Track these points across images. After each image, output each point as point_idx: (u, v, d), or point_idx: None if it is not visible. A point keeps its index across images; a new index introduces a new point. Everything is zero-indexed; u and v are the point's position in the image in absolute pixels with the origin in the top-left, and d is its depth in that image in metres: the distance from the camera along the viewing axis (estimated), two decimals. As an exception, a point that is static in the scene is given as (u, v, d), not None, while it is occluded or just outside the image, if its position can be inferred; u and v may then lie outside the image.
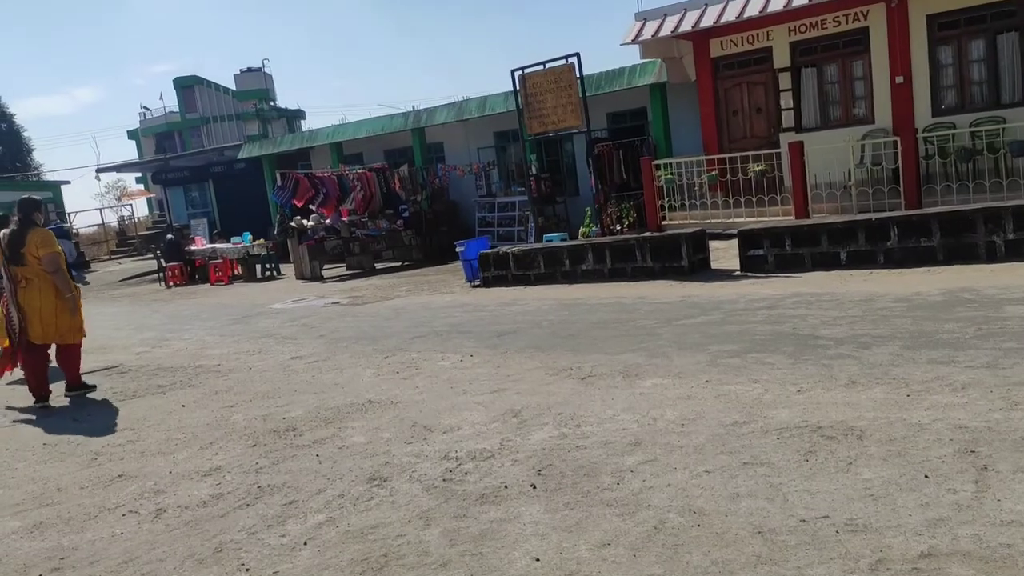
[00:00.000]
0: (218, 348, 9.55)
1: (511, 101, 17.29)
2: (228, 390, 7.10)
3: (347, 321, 10.36)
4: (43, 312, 7.17)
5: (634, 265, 10.24)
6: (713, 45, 14.43)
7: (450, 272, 15.06)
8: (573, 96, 11.35)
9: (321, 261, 17.39)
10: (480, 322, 8.92)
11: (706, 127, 14.74)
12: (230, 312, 12.96)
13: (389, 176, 19.00)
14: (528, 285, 11.16)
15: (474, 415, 5.35)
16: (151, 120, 64.32)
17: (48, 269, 7.11)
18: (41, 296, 7.15)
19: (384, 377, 6.87)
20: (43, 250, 7.09)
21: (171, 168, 29.45)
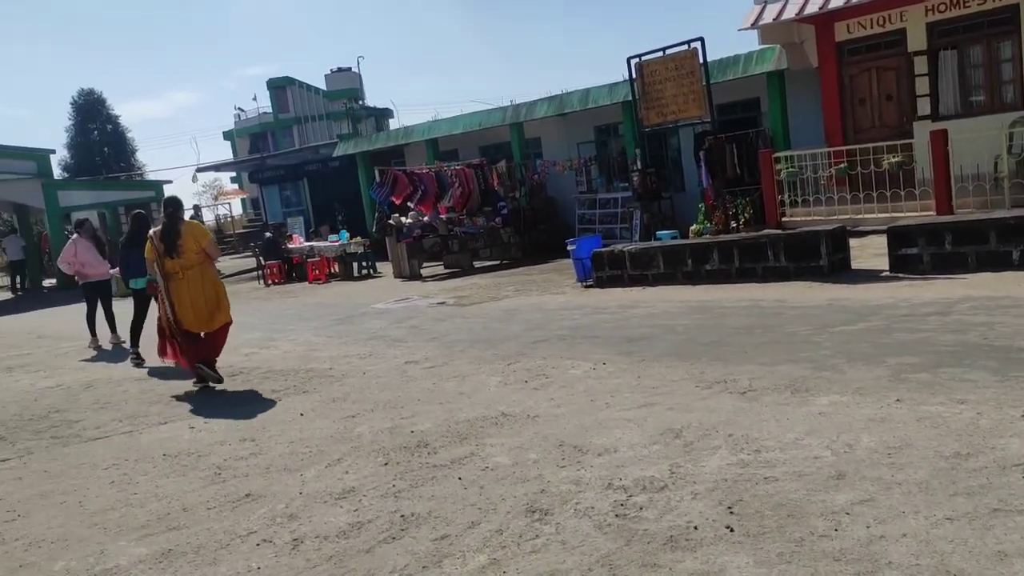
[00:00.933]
0: (327, 350, 9.22)
1: (616, 93, 16.67)
2: (345, 397, 6.70)
3: (457, 323, 9.91)
4: (195, 301, 7.57)
5: (765, 265, 9.47)
6: (838, 28, 13.45)
7: (555, 271, 14.50)
8: (695, 84, 10.63)
9: (420, 259, 17.07)
10: (604, 326, 8.32)
11: (829, 117, 13.77)
12: (333, 312, 12.70)
13: (487, 172, 18.56)
14: (646, 286, 10.50)
15: (628, 434, 4.76)
16: (245, 121, 65.89)
17: (213, 255, 7.73)
18: (192, 286, 7.55)
19: (512, 386, 6.35)
20: (204, 240, 7.63)
21: (267, 167, 29.81)
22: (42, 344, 12.91)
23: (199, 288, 7.60)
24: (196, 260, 7.57)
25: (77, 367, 10.16)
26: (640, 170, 16.60)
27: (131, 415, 6.96)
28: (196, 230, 7.72)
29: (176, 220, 7.64)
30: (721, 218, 13.50)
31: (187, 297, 7.55)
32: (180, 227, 7.58)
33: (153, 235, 7.66)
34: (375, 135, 23.90)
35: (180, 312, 7.57)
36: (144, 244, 8.13)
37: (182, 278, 7.54)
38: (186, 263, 7.54)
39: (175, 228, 7.55)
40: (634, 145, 16.82)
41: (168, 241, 7.50)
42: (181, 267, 7.53)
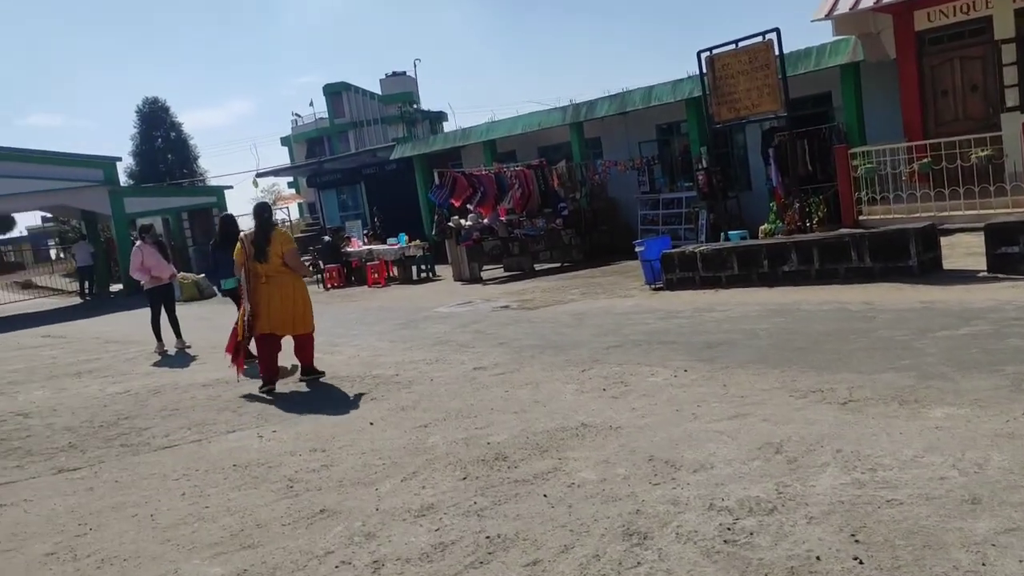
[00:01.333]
0: (392, 356, 9.04)
1: (679, 90, 16.25)
2: (415, 405, 6.48)
3: (524, 327, 9.64)
4: (282, 305, 7.76)
5: (847, 265, 8.99)
6: (918, 17, 12.84)
7: (619, 273, 14.15)
8: (771, 77, 10.18)
9: (480, 262, 16.86)
10: (680, 331, 7.96)
11: (908, 110, 13.15)
12: (394, 316, 12.55)
13: (547, 173, 18.27)
14: (719, 288, 10.09)
15: (723, 449, 4.43)
16: (302, 127, 66.83)
17: (291, 262, 7.80)
18: (279, 290, 7.74)
19: (590, 395, 6.05)
20: (287, 246, 7.78)
21: (325, 171, 29.99)
22: (110, 349, 13.03)
23: (287, 293, 7.81)
24: (282, 267, 7.76)
25: (145, 372, 10.18)
26: (706, 169, 16.15)
27: (199, 423, 6.85)
28: (282, 238, 7.90)
29: (268, 225, 7.87)
30: (793, 217, 12.98)
31: (271, 301, 7.74)
32: (271, 233, 7.81)
33: (244, 238, 7.91)
34: (432, 137, 23.80)
35: (258, 315, 7.75)
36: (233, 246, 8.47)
37: (265, 282, 7.73)
38: (272, 268, 7.73)
39: (266, 233, 7.77)
40: (699, 143, 16.38)
41: (258, 245, 7.72)
42: (267, 272, 7.73)
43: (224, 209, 30.64)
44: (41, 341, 15.40)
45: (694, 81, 16.01)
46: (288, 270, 7.81)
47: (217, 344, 12.07)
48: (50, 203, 27.72)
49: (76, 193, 26.04)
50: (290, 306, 7.85)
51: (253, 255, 7.73)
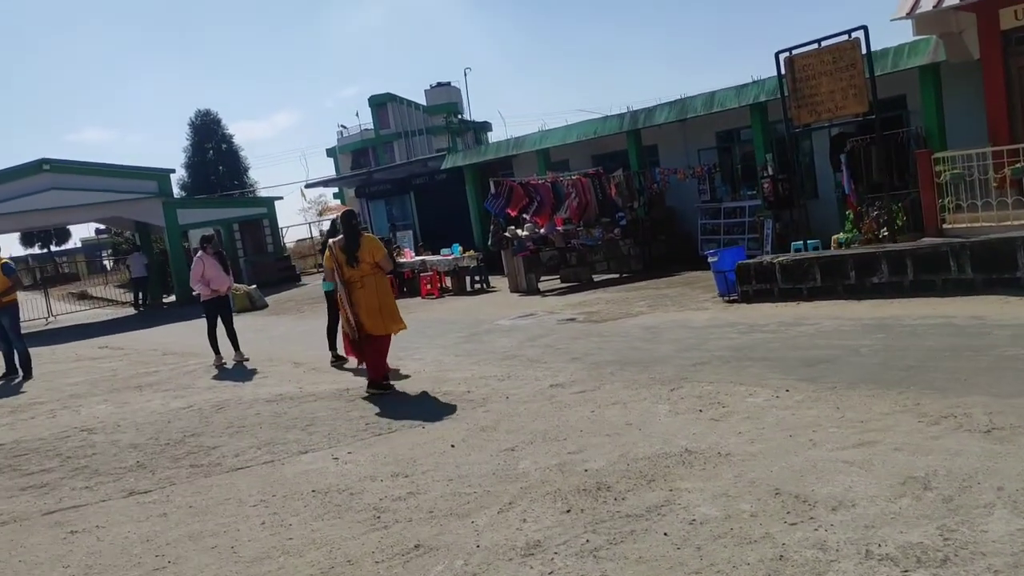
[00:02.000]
0: (459, 371, 8.69)
1: (744, 95, 15.73)
2: (495, 426, 6.10)
3: (595, 341, 9.23)
4: (371, 308, 7.99)
5: (946, 277, 8.43)
6: (1004, 15, 12.16)
7: (685, 285, 13.67)
8: (857, 78, 9.66)
9: (537, 273, 16.49)
10: (769, 346, 7.48)
11: (994, 113, 12.47)
12: (455, 328, 12.22)
13: (605, 182, 17.86)
14: (800, 301, 9.58)
15: (859, 482, 3.98)
16: (348, 138, 67.25)
17: (386, 268, 8.18)
18: (369, 294, 7.98)
19: (686, 416, 5.62)
20: (379, 253, 8.06)
21: (373, 181, 29.91)
22: (168, 361, 12.90)
23: (375, 296, 8.04)
24: (371, 271, 8.02)
25: (206, 386, 9.96)
26: (771, 176, 15.60)
27: (268, 442, 6.56)
28: (372, 243, 8.16)
29: (357, 232, 8.12)
30: (872, 225, 12.39)
31: (364, 303, 7.97)
32: (360, 239, 8.07)
33: (333, 245, 8.15)
34: (484, 147, 23.54)
35: (361, 318, 8.00)
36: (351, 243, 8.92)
37: (361, 286, 7.98)
38: (363, 272, 7.97)
39: (356, 239, 8.02)
40: (764, 150, 15.83)
41: (349, 252, 7.95)
42: (359, 276, 7.96)
43: (274, 220, 30.74)
44: (99, 352, 15.37)
45: (760, 86, 15.53)
46: (374, 273, 8.05)
47: (274, 356, 11.89)
48: (105, 215, 28.01)
49: (130, 205, 26.28)
50: (387, 305, 8.16)
51: (345, 261, 7.96)
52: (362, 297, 8.00)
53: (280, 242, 31.44)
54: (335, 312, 10.34)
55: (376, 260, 8.02)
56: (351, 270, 7.98)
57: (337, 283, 8.14)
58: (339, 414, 7.32)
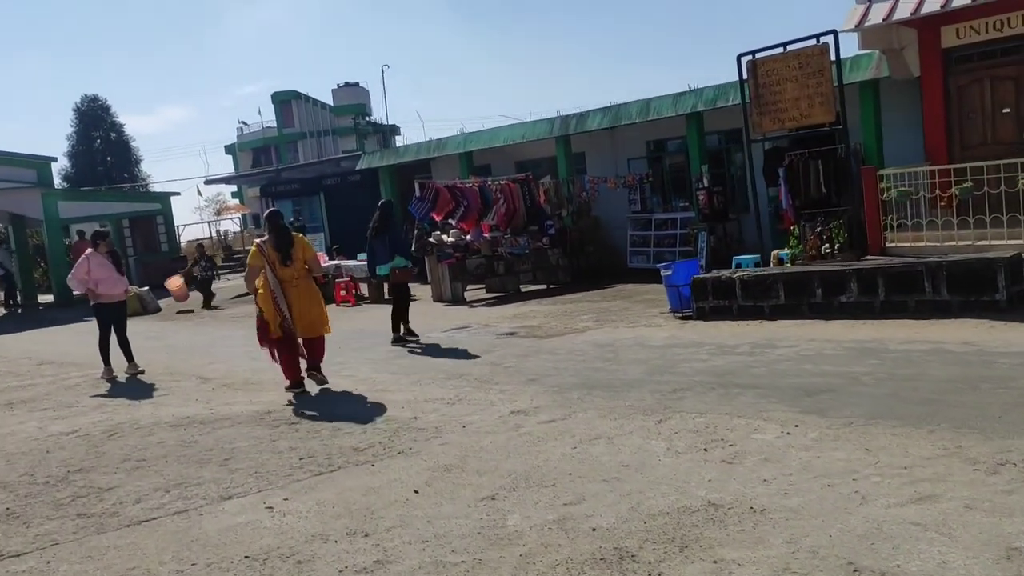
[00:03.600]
0: (399, 391, 7.68)
1: (681, 103, 15.28)
2: (461, 465, 5.16)
3: (547, 360, 8.38)
4: (302, 310, 7.92)
5: (919, 298, 7.99)
6: (945, 33, 12.06)
7: (622, 298, 13.01)
8: (825, 85, 9.20)
9: (464, 282, 15.55)
10: (751, 371, 6.79)
11: (932, 132, 12.35)
12: (381, 340, 11.15)
13: (534, 188, 17.09)
14: (762, 319, 9.00)
15: (950, 555, 3.25)
16: (249, 135, 64.62)
17: (315, 267, 8.14)
18: (301, 294, 7.92)
19: (690, 457, 4.83)
20: (309, 251, 8.07)
21: (281, 180, 28.31)
22: (45, 372, 11.33)
23: (306, 298, 7.97)
24: (303, 271, 7.96)
25: (93, 405, 8.60)
26: (707, 188, 15.20)
27: (178, 482, 5.41)
28: (304, 243, 8.13)
29: (288, 231, 8.05)
30: (815, 242, 12.03)
31: (296, 304, 7.87)
32: (292, 237, 7.99)
33: (263, 244, 7.93)
34: (403, 147, 22.45)
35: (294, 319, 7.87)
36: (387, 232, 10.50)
37: (294, 287, 7.86)
38: (297, 272, 7.88)
39: (288, 238, 7.92)
40: (700, 160, 15.41)
41: (283, 250, 7.82)
42: (293, 276, 7.86)
43: (170, 218, 28.70)
44: (-37, 360, 13.51)
45: (697, 95, 15.11)
46: (306, 274, 8.00)
47: (175, 369, 10.55)
48: (-27, 205, 25.40)
49: (5, 195, 23.84)
50: (316, 308, 8.10)
51: (279, 260, 7.80)
52: (294, 298, 7.87)
53: (176, 241, 29.36)
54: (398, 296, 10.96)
55: (306, 259, 7.97)
56: (285, 269, 7.83)
57: (268, 281, 7.87)
58: (263, 444, 6.22)
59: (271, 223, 8.05)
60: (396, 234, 11.20)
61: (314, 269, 8.13)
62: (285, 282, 7.85)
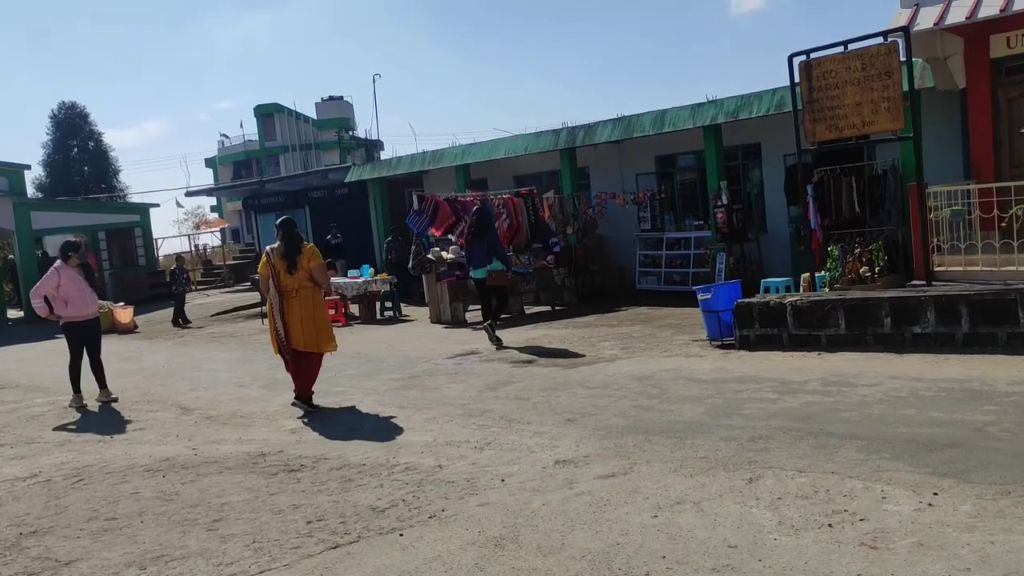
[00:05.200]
0: (414, 430, 6.62)
1: (700, 115, 14.37)
2: (514, 537, 4.11)
3: (581, 395, 7.34)
4: (305, 321, 7.68)
5: (1012, 330, 7.05)
6: (995, 42, 11.24)
7: (642, 322, 12.02)
8: (892, 88, 8.28)
9: (465, 302, 14.51)
10: (840, 416, 5.76)
11: (978, 147, 11.51)
12: (383, 367, 10.08)
13: (538, 203, 16.11)
14: (819, 350, 8.02)
15: None
16: (230, 148, 63.35)
17: (320, 279, 7.83)
18: (304, 305, 7.68)
19: (813, 536, 3.80)
20: (315, 260, 7.76)
21: (265, 192, 27.18)
22: (6, 398, 10.15)
23: (310, 309, 7.73)
24: (308, 281, 7.72)
25: (58, 441, 7.46)
26: (726, 206, 14.29)
27: (157, 553, 4.32)
28: (312, 252, 7.83)
29: (298, 239, 7.83)
30: (855, 265, 11.11)
31: (298, 315, 7.66)
32: (301, 245, 7.78)
33: (271, 251, 7.81)
34: (396, 159, 21.39)
35: (291, 331, 7.67)
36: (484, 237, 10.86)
37: (296, 296, 7.67)
38: (300, 281, 7.68)
39: (296, 246, 7.74)
40: (718, 176, 14.51)
41: (290, 258, 7.67)
42: (296, 286, 7.68)
43: (148, 230, 27.44)
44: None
45: (717, 106, 14.23)
46: (311, 285, 7.76)
47: (153, 396, 9.41)
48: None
49: (-26, 204, 22.56)
50: (320, 320, 7.84)
51: (285, 268, 7.65)
52: (296, 308, 7.66)
53: (154, 255, 28.07)
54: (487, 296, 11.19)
55: (311, 268, 7.70)
56: (289, 278, 7.66)
57: (271, 292, 7.75)
58: (260, 499, 5.13)
59: (283, 230, 7.85)
60: (493, 238, 11.39)
61: (317, 278, 7.78)
62: (287, 292, 7.67)
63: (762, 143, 15.42)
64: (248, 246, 33.63)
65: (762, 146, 15.47)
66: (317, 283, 7.78)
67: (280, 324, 7.67)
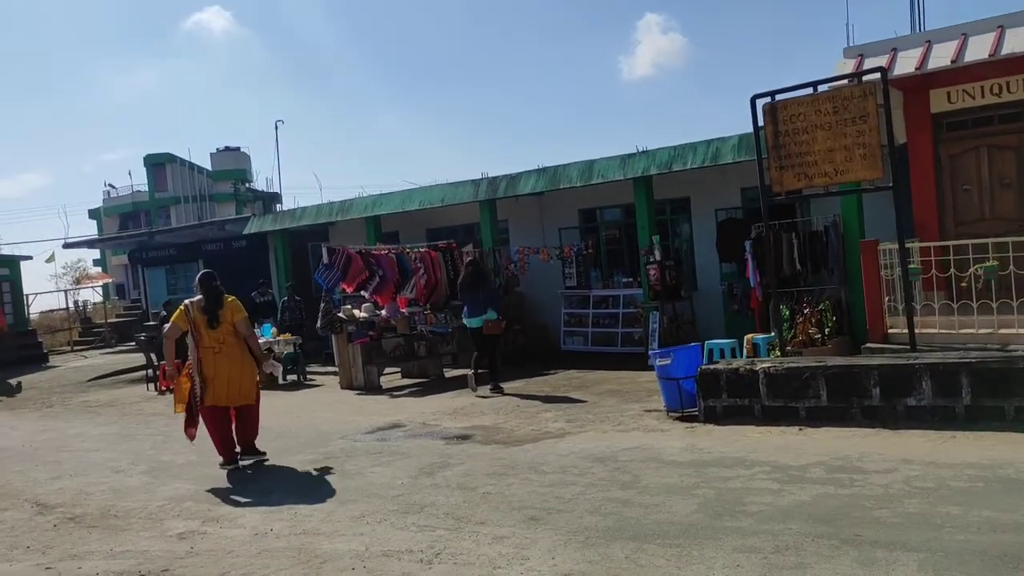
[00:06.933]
0: (340, 536, 5.30)
1: (632, 167, 13.66)
2: None
3: (537, 484, 6.16)
4: (231, 376, 7.47)
5: (1020, 404, 6.31)
6: (935, 97, 10.97)
7: (579, 388, 10.99)
8: (868, 134, 7.59)
9: (380, 366, 13.16)
10: (871, 515, 4.74)
11: (921, 204, 11.14)
12: (292, 444, 8.65)
13: (458, 257, 15.03)
14: (798, 424, 7.10)
15: None
16: (116, 199, 60.09)
17: (245, 332, 7.64)
18: (230, 360, 7.48)
19: None
20: (239, 314, 7.63)
21: (154, 245, 25.11)
22: None
23: (237, 363, 7.54)
24: (231, 335, 7.55)
25: None
26: (659, 262, 13.54)
27: None
28: (235, 305, 7.69)
29: (220, 292, 7.63)
30: (804, 327, 10.45)
31: (223, 371, 7.46)
32: (223, 298, 7.60)
33: (190, 305, 7.61)
34: (300, 210, 19.91)
35: (208, 387, 7.45)
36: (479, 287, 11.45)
37: (219, 351, 7.46)
38: (222, 335, 7.49)
39: (219, 299, 7.57)
40: (649, 230, 13.78)
41: (211, 312, 7.49)
42: (219, 340, 7.48)
43: (18, 284, 24.83)
44: None
45: (649, 157, 13.57)
46: (236, 340, 7.58)
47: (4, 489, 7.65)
48: None
49: None
50: (238, 376, 7.58)
51: (206, 323, 7.45)
52: (225, 365, 7.46)
53: (24, 312, 25.41)
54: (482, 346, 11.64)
55: (234, 322, 7.54)
56: (211, 332, 7.46)
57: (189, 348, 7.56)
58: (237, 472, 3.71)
59: (204, 283, 7.63)
60: (489, 287, 11.96)
61: (242, 332, 7.60)
62: (207, 348, 7.45)
63: (691, 197, 14.87)
64: (134, 302, 31.15)
65: (691, 200, 14.91)
66: (244, 338, 7.62)
67: (197, 383, 7.42)
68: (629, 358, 13.59)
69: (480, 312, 11.44)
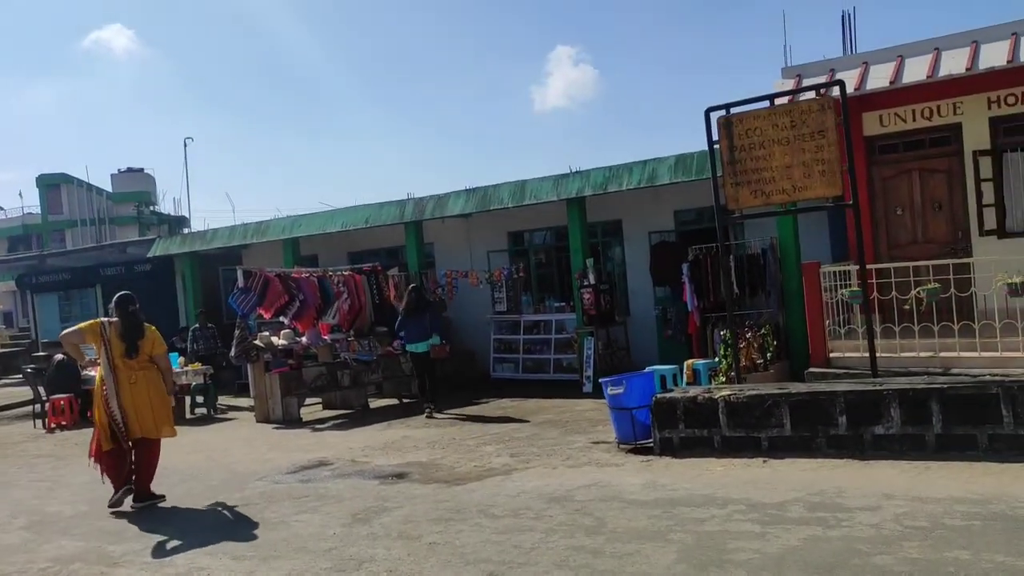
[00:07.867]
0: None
1: (565, 187, 13.24)
2: None
3: (490, 530, 5.50)
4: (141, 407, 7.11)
5: (994, 431, 6.02)
6: (868, 120, 10.95)
7: (515, 418, 10.39)
8: (827, 149, 7.27)
9: (301, 396, 12.26)
10: (872, 563, 4.28)
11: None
12: (201, 487, 7.75)
13: (383, 281, 14.28)
14: (760, 455, 6.68)
15: None
16: (4, 221, 56.64)
17: (163, 367, 7.37)
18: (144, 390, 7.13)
19: None
20: (159, 348, 7.33)
21: (45, 269, 23.39)
22: None
23: (150, 394, 7.17)
24: (147, 365, 7.21)
25: None
26: (593, 286, 13.12)
27: None
28: (154, 334, 7.34)
29: (140, 319, 7.26)
30: (748, 352, 10.16)
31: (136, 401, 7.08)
32: (144, 327, 7.25)
33: (107, 324, 7.20)
34: (211, 231, 18.73)
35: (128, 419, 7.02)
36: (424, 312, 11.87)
37: (133, 382, 7.09)
38: (139, 365, 7.16)
39: (140, 328, 7.21)
40: (583, 253, 13.37)
41: (130, 340, 7.11)
42: (135, 369, 7.13)
43: None
44: None
45: (583, 177, 13.18)
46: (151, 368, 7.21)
47: None
48: None
49: None
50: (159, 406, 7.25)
51: (124, 351, 7.06)
52: (135, 394, 7.05)
53: None
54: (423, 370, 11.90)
55: (153, 355, 7.23)
56: (126, 361, 7.06)
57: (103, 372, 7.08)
58: None
59: (120, 308, 7.21)
60: (434, 313, 12.22)
61: (161, 367, 7.30)
62: (122, 377, 7.01)
63: (624, 220, 14.54)
64: (23, 331, 29.03)
65: (624, 223, 14.58)
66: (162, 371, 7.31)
67: (118, 413, 6.97)
68: (561, 385, 13.11)
69: (425, 337, 11.70)
